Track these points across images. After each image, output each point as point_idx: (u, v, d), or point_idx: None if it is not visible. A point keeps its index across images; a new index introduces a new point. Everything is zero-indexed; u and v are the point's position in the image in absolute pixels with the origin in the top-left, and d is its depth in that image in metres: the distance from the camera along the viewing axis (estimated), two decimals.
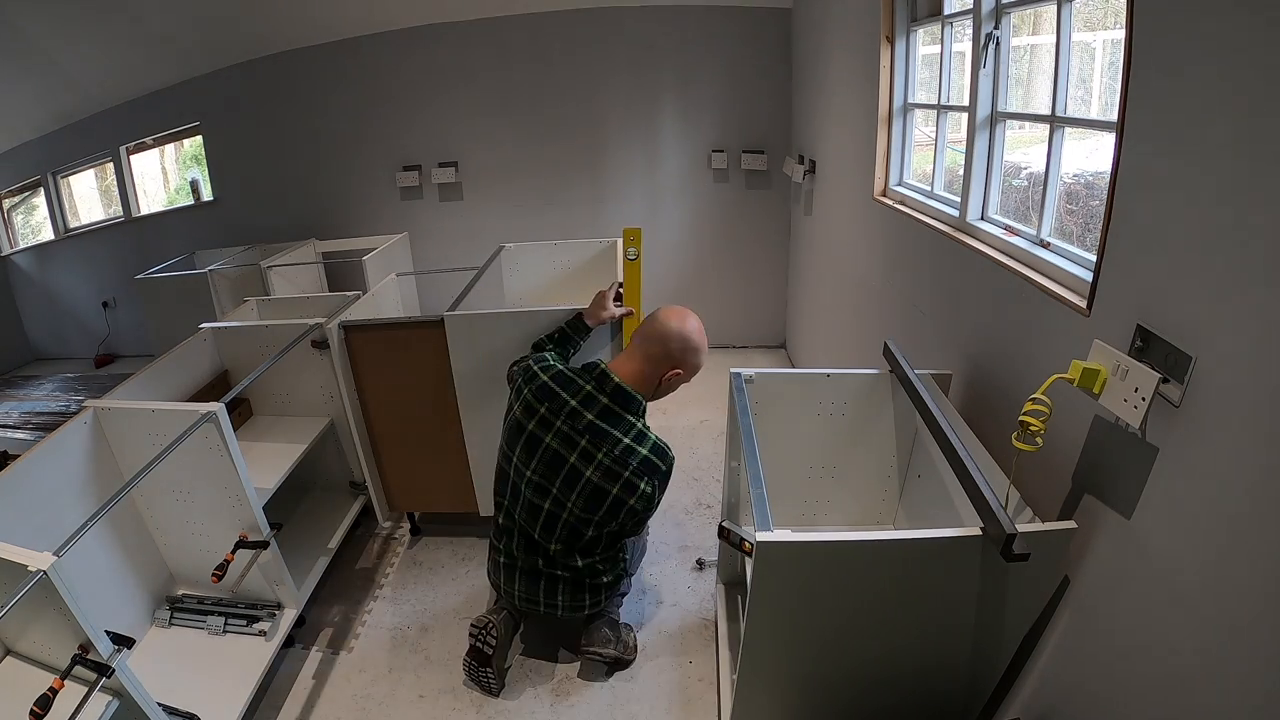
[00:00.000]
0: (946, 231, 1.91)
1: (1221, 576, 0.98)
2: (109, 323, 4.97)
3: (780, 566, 1.24)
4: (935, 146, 2.22)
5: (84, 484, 1.79)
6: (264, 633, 1.91)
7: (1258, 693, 0.91)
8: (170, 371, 2.25)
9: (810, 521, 1.99)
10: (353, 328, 2.23)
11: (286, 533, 1.95)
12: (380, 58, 3.91)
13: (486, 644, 1.87)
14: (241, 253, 4.12)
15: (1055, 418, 1.22)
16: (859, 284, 2.70)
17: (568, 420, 1.65)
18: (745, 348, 4.32)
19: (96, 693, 1.31)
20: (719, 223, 4.05)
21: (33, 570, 1.21)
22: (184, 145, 4.75)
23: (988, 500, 1.19)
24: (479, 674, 1.89)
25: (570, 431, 1.65)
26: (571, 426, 1.65)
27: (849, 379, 1.83)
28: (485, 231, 4.05)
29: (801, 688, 1.50)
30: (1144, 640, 1.12)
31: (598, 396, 1.65)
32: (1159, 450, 1.09)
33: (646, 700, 1.90)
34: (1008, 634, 1.36)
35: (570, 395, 1.67)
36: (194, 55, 3.98)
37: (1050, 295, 1.39)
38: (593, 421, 1.64)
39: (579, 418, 1.65)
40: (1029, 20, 1.84)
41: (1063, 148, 1.55)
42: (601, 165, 4.02)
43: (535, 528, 1.75)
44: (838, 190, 2.98)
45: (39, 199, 4.93)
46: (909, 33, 2.31)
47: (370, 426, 2.37)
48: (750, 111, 3.81)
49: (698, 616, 2.17)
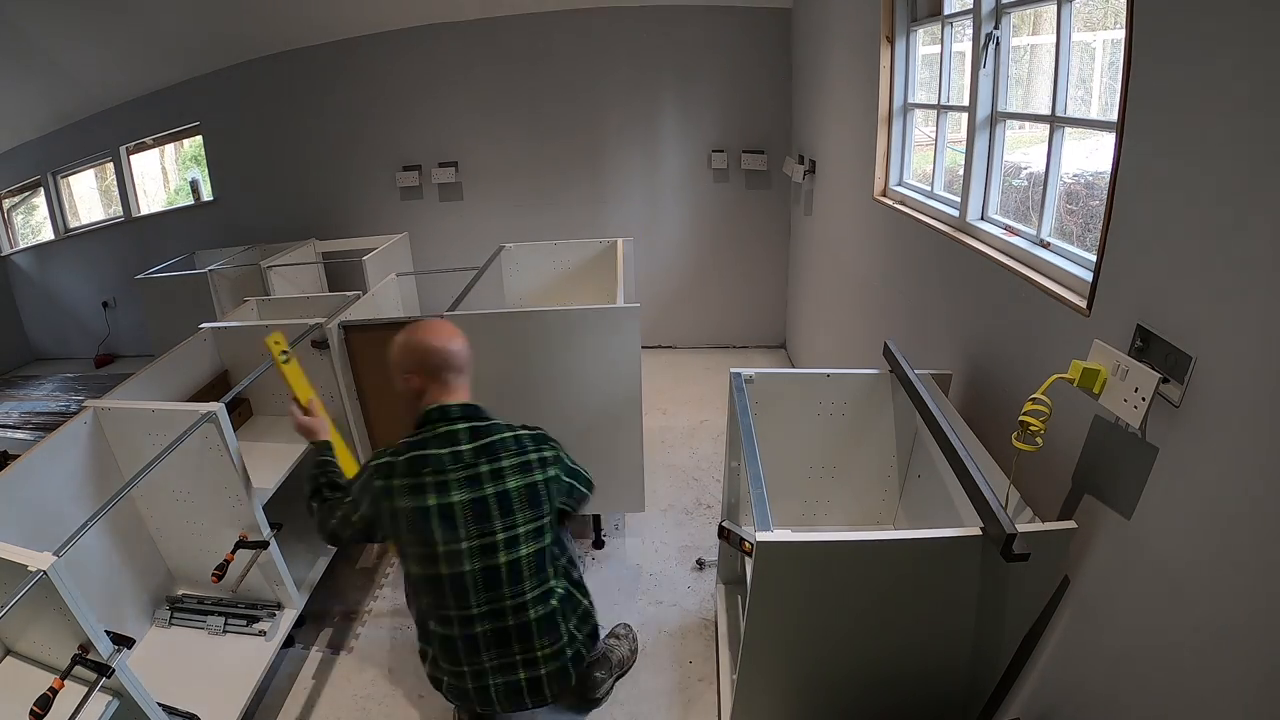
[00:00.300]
0: (946, 231, 1.91)
1: (1221, 576, 0.98)
2: (109, 323, 4.97)
3: (780, 566, 1.24)
4: (935, 146, 2.22)
5: (84, 484, 1.79)
6: (264, 633, 1.91)
7: (1256, 692, 0.91)
8: (170, 371, 2.25)
9: (810, 521, 1.99)
10: (353, 328, 2.23)
11: (286, 533, 1.94)
12: (380, 58, 3.91)
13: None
14: (241, 253, 4.12)
15: (1055, 418, 1.22)
16: (859, 284, 2.70)
17: (454, 465, 1.52)
18: (745, 348, 4.32)
19: (96, 693, 1.31)
20: (719, 223, 4.06)
21: (33, 570, 1.21)
22: (184, 145, 4.76)
23: (988, 500, 1.19)
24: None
25: (465, 472, 1.52)
26: (463, 466, 1.52)
27: (849, 379, 1.83)
28: (485, 231, 4.05)
29: (801, 688, 1.50)
30: (1144, 640, 1.12)
31: (455, 429, 1.54)
32: (1159, 450, 1.09)
33: (646, 700, 1.90)
34: (1008, 634, 1.36)
35: (438, 448, 1.53)
36: (194, 55, 3.98)
37: (1050, 295, 1.39)
38: (474, 446, 1.53)
39: (460, 455, 1.52)
40: (1029, 20, 1.84)
41: (1063, 148, 1.55)
42: (601, 165, 4.02)
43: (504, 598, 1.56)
44: (838, 190, 2.98)
45: (39, 199, 4.93)
46: (909, 33, 2.32)
47: (370, 426, 2.37)
48: (750, 111, 3.81)
49: (698, 616, 2.17)
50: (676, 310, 4.24)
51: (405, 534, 1.52)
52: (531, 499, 1.56)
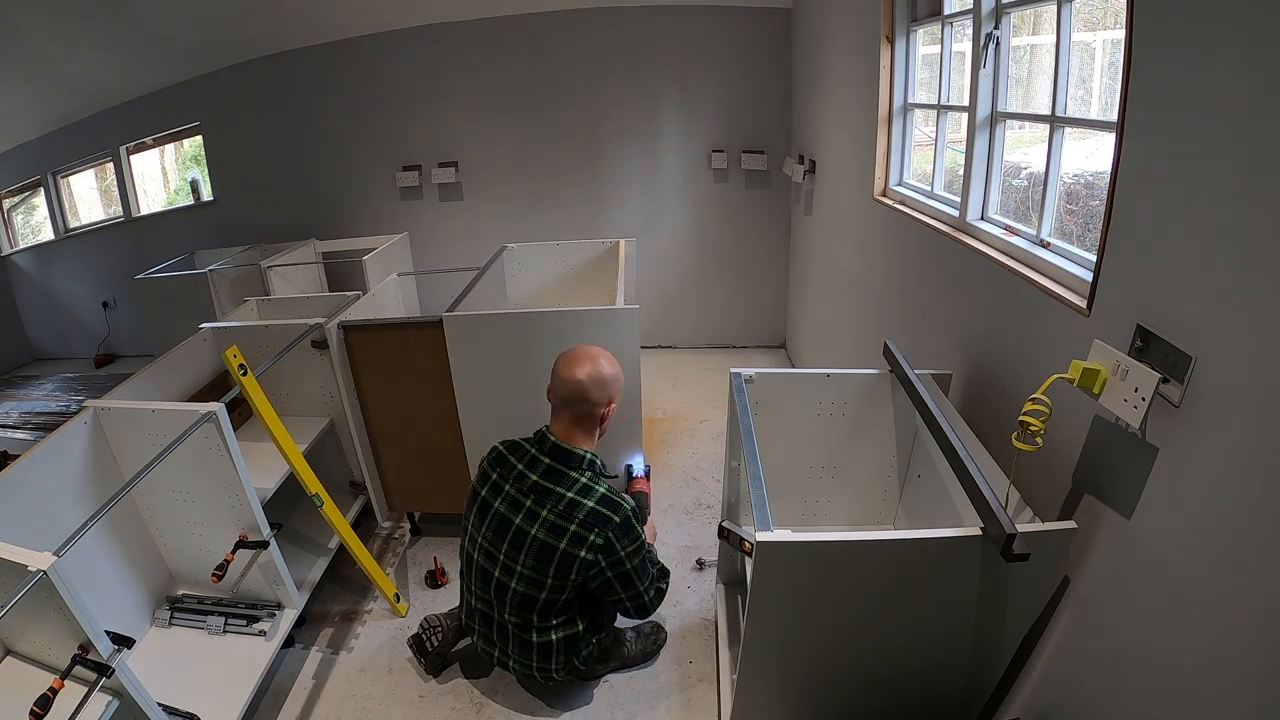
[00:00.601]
0: (946, 231, 1.91)
1: (1221, 576, 0.98)
2: (109, 323, 4.97)
3: (780, 566, 1.24)
4: (935, 146, 2.22)
5: (84, 484, 1.79)
6: (264, 633, 1.91)
7: (1256, 693, 0.91)
8: (170, 371, 2.25)
9: (810, 521, 1.99)
10: (352, 328, 2.23)
11: (286, 533, 1.95)
12: (380, 58, 3.91)
13: (430, 640, 1.96)
14: (241, 253, 4.12)
15: (1055, 418, 1.22)
16: (859, 284, 2.70)
17: (515, 483, 1.69)
18: (745, 348, 4.32)
19: (96, 693, 1.31)
20: (719, 223, 4.05)
21: (33, 570, 1.21)
22: (184, 145, 4.76)
23: (988, 500, 1.19)
24: (417, 658, 2.00)
25: (517, 494, 1.68)
26: (518, 489, 1.68)
27: (849, 379, 1.83)
28: (485, 231, 4.05)
29: (801, 687, 1.50)
30: (1144, 640, 1.12)
31: (540, 458, 1.69)
32: (1159, 450, 1.09)
33: (646, 700, 1.90)
34: (1008, 634, 1.36)
35: (517, 459, 1.71)
36: (194, 55, 3.98)
37: (1050, 295, 1.39)
38: (537, 481, 1.67)
39: (524, 480, 1.68)
40: (1029, 20, 1.84)
41: (1063, 148, 1.55)
42: (601, 165, 4.02)
43: (490, 598, 1.74)
44: (838, 190, 2.98)
45: (39, 199, 4.93)
46: (909, 33, 2.31)
47: (370, 427, 2.37)
48: (750, 111, 3.81)
49: (698, 616, 2.17)
50: (676, 310, 4.24)
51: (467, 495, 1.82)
52: (540, 556, 1.63)
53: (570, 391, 1.66)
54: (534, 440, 1.73)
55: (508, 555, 1.67)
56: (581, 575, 1.63)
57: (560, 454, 1.67)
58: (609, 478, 1.73)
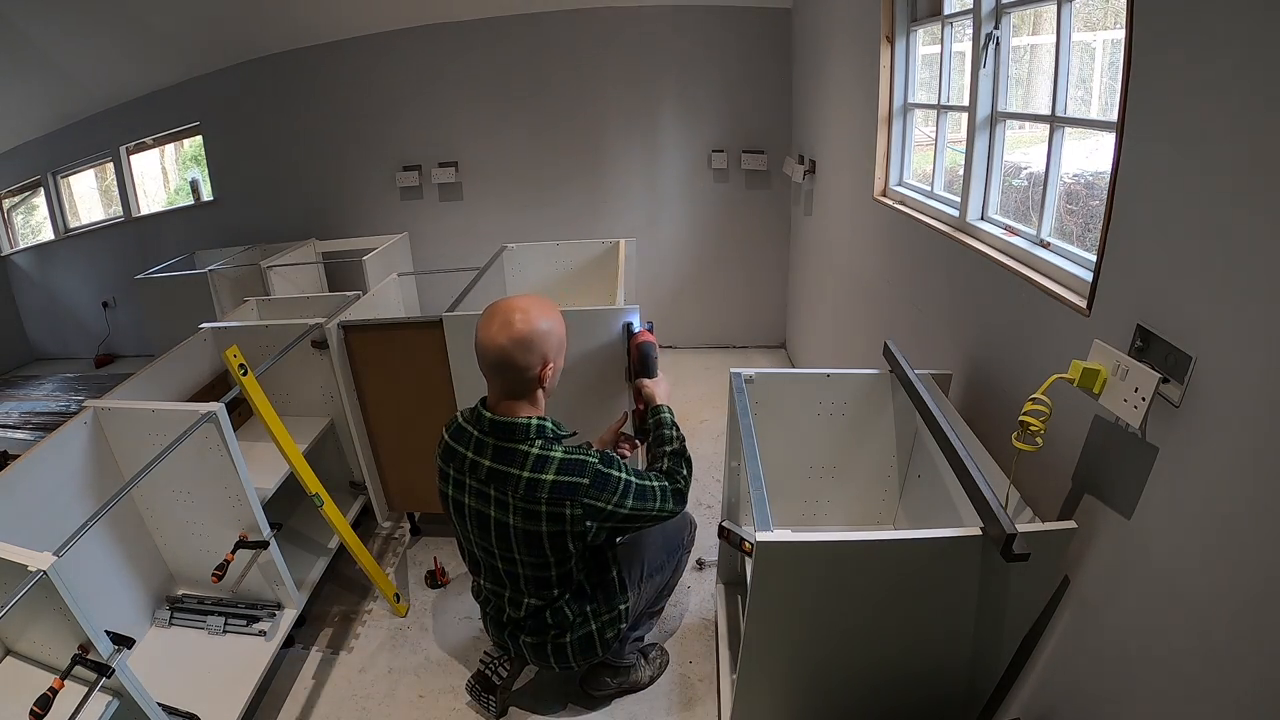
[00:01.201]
0: (946, 231, 1.91)
1: (1221, 576, 0.98)
2: (109, 323, 4.97)
3: (780, 566, 1.24)
4: (935, 146, 2.22)
5: (84, 484, 1.79)
6: (264, 633, 1.91)
7: (1256, 693, 0.91)
8: (170, 371, 2.25)
9: (810, 521, 1.99)
10: (352, 328, 2.23)
11: (286, 533, 1.95)
12: (380, 58, 3.91)
13: (496, 674, 1.83)
14: (241, 253, 4.12)
15: (1055, 418, 1.22)
16: (859, 284, 2.70)
17: (471, 475, 1.53)
18: (745, 348, 4.32)
19: (96, 693, 1.31)
20: (719, 223, 4.05)
21: (33, 570, 1.21)
22: (184, 145, 4.76)
23: (988, 500, 1.19)
24: (482, 698, 1.84)
25: (478, 486, 1.53)
26: (476, 480, 1.52)
27: (849, 379, 1.83)
28: (485, 231, 4.05)
29: (801, 688, 1.50)
30: (1144, 640, 1.12)
31: (484, 440, 1.50)
32: (1159, 450, 1.09)
33: (646, 700, 1.90)
34: (1008, 634, 1.36)
35: (464, 447, 1.54)
36: (194, 55, 3.98)
37: (1050, 295, 1.39)
38: (491, 467, 1.49)
39: (479, 468, 1.51)
40: (1029, 20, 1.84)
41: (1063, 148, 1.55)
42: (601, 165, 4.02)
43: (504, 585, 1.65)
44: (838, 190, 2.98)
45: (39, 199, 4.93)
46: (909, 33, 2.31)
47: (370, 427, 2.37)
48: (750, 111, 3.80)
49: (698, 616, 2.17)
50: (676, 310, 4.24)
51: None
52: (529, 545, 1.52)
53: (494, 358, 1.43)
54: (472, 419, 1.54)
55: (500, 548, 1.57)
56: (582, 542, 1.51)
57: (502, 430, 1.48)
58: (565, 436, 1.53)
